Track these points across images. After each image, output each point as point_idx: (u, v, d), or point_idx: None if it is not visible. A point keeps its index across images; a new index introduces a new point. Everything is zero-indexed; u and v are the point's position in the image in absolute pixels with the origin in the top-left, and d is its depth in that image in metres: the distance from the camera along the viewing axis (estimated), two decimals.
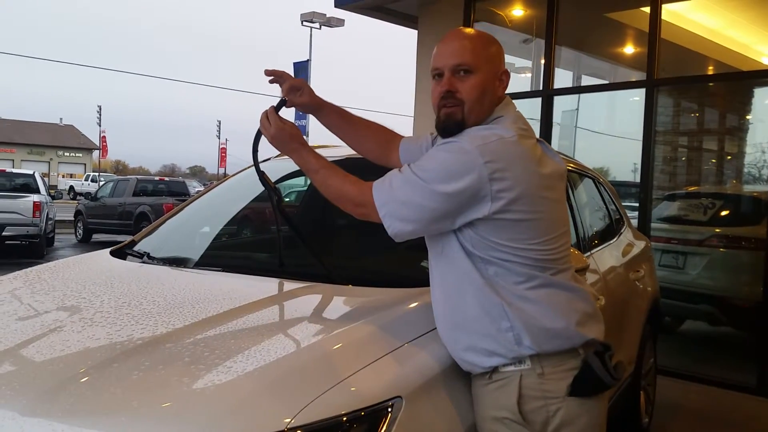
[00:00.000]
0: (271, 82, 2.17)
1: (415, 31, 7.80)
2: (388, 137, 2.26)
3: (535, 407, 1.80)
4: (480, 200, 1.73)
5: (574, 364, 1.82)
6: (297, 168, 2.11)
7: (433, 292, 1.93)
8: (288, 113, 2.13)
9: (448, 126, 1.89)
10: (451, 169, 1.74)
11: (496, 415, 1.81)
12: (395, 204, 1.79)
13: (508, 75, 1.96)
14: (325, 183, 1.95)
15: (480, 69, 1.87)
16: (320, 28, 28.85)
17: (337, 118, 2.25)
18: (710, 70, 7.37)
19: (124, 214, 16.56)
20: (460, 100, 1.87)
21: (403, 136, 2.27)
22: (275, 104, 2.12)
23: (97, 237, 17.65)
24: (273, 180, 2.36)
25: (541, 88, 6.71)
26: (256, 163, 2.31)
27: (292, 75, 2.22)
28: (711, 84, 6.88)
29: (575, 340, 1.82)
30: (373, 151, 2.27)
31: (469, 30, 2.00)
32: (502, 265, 1.79)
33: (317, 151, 2.04)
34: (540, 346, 1.78)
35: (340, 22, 28.67)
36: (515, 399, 1.79)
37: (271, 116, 2.07)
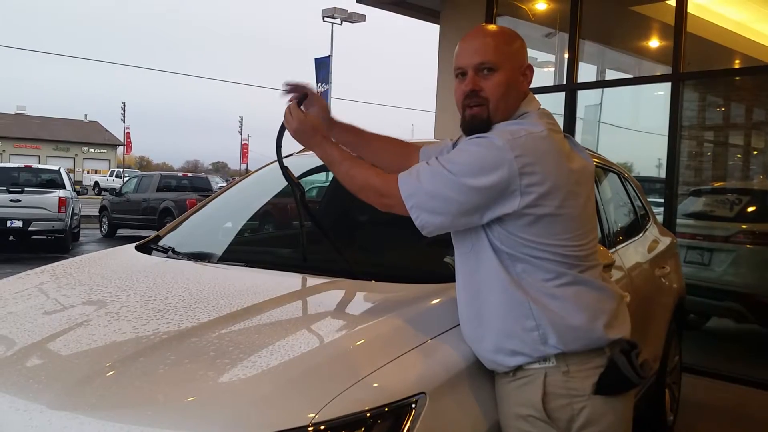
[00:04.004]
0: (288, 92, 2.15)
1: (437, 26, 7.77)
2: (403, 148, 2.25)
3: (560, 405, 1.78)
4: (510, 195, 1.72)
5: (599, 362, 1.80)
6: (320, 164, 2.11)
7: (459, 292, 1.92)
8: None
9: (475, 126, 1.87)
10: (482, 163, 1.72)
11: (520, 413, 1.80)
12: (423, 196, 1.77)
13: (531, 70, 1.94)
14: (348, 174, 1.94)
15: (503, 66, 1.86)
16: (341, 24, 28.86)
17: (350, 135, 2.24)
18: (737, 64, 7.25)
19: (148, 210, 16.72)
20: (485, 98, 1.85)
21: (418, 145, 2.25)
22: (297, 99, 2.12)
23: (122, 232, 17.85)
24: (296, 176, 2.36)
25: (564, 83, 6.65)
26: (279, 159, 2.31)
27: (314, 70, 2.22)
28: (738, 78, 6.77)
29: (602, 341, 1.80)
30: (391, 163, 2.22)
31: (491, 27, 1.98)
32: (531, 262, 1.77)
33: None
34: (566, 345, 1.76)
35: (361, 18, 28.64)
36: (540, 396, 1.78)
37: (293, 110, 2.07)
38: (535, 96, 1.96)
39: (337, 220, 3.21)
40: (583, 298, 1.79)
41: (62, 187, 14.20)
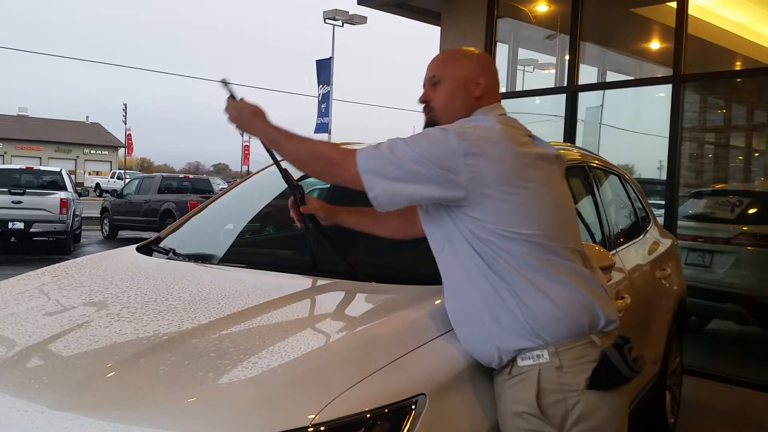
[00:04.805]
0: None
1: (438, 28, 7.78)
2: (406, 209, 2.24)
3: (554, 401, 1.79)
4: (455, 175, 1.79)
5: (592, 357, 1.82)
6: None
7: (446, 296, 1.96)
8: (308, 108, 2.15)
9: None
10: (434, 141, 1.84)
11: (515, 410, 1.82)
12: (378, 161, 1.84)
13: (487, 80, 2.06)
14: (296, 149, 1.98)
15: (447, 78, 2.04)
16: (343, 26, 28.84)
17: (355, 214, 2.37)
18: (738, 66, 7.26)
19: (150, 211, 16.74)
20: (432, 107, 2.06)
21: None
22: (227, 96, 2.13)
23: (123, 234, 17.87)
24: (295, 178, 2.37)
25: (565, 85, 6.65)
26: (276, 161, 2.32)
27: (315, 72, 2.25)
28: (739, 79, 6.78)
29: (584, 323, 1.81)
30: (401, 226, 2.32)
31: (450, 49, 2.18)
32: (502, 247, 1.81)
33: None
34: (551, 330, 1.78)
35: (362, 20, 28.62)
36: (534, 393, 1.79)
37: (229, 102, 2.11)
38: (536, 98, 2.03)
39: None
40: (562, 281, 1.82)
41: (63, 188, 14.22)
